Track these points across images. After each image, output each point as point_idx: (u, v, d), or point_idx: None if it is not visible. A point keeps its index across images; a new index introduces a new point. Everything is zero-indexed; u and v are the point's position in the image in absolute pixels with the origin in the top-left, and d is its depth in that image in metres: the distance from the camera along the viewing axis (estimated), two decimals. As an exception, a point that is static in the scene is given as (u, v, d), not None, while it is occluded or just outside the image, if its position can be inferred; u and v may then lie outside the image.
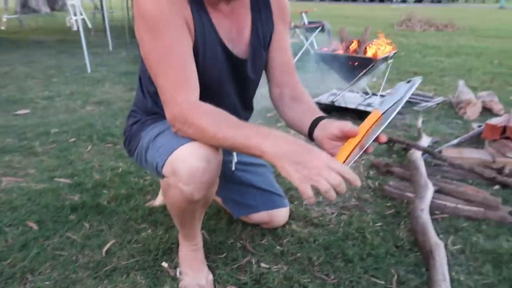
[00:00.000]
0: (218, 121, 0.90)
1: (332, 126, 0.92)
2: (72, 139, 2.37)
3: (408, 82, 0.91)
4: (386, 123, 0.81)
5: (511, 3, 24.18)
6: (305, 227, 1.50)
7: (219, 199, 1.52)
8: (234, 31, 1.07)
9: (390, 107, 0.85)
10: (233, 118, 0.91)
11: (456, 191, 1.64)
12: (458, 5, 24.45)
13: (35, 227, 1.48)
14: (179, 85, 0.94)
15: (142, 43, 0.96)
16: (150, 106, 1.18)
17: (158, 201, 1.66)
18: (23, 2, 13.03)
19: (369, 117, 0.86)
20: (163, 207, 1.58)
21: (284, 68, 1.17)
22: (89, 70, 4.28)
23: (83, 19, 8.17)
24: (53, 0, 15.35)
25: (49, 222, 1.52)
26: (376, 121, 0.84)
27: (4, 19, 8.44)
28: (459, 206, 1.58)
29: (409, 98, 3.23)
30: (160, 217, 1.55)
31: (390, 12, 16.23)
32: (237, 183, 1.41)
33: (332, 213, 1.61)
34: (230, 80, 1.12)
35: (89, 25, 7.88)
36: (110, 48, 5.71)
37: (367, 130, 0.84)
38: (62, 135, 2.44)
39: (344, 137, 0.88)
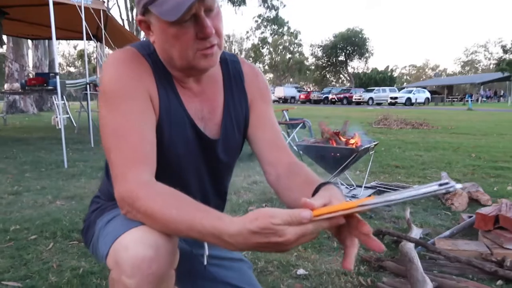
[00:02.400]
0: (172, 204, 0.76)
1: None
2: (33, 236, 2.15)
3: (442, 185, 0.62)
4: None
5: (477, 106, 26.10)
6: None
7: (189, 302, 1.30)
8: (205, 110, 1.00)
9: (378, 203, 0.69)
10: (190, 201, 0.78)
11: (458, 288, 1.46)
12: (429, 108, 26.23)
13: None
14: (131, 161, 0.83)
15: (100, 117, 0.88)
16: (113, 190, 1.05)
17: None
18: (10, 103, 13.41)
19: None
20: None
21: (272, 145, 1.07)
22: (65, 165, 4.16)
23: (68, 117, 8.35)
24: (42, 102, 15.88)
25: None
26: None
27: (-12, 118, 8.52)
28: (464, 305, 1.39)
29: (394, 189, 3.20)
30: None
31: (367, 113, 17.20)
32: (210, 280, 1.22)
33: (322, 318, 1.39)
34: (201, 161, 1.02)
35: (74, 124, 7.97)
36: (92, 144, 5.68)
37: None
38: (22, 232, 2.21)
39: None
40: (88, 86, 6.38)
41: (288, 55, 58.25)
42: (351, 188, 2.90)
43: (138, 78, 0.89)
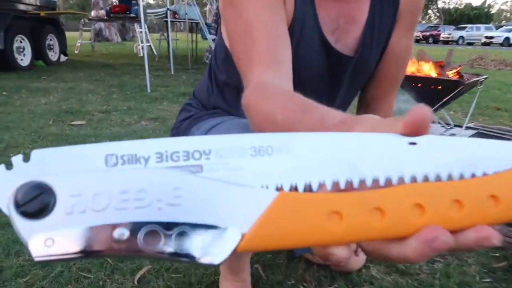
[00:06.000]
0: (287, 106, 0.61)
1: None
2: (122, 151, 2.23)
3: None
4: None
5: None
6: (387, 274, 1.17)
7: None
8: (342, 20, 0.80)
9: None
10: (308, 102, 0.61)
11: None
12: (533, 49, 23.04)
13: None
14: (252, 61, 0.68)
15: (226, 22, 0.75)
16: (213, 98, 0.95)
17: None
18: (97, 31, 14.10)
19: None
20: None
21: (382, 81, 0.90)
22: (149, 89, 4.27)
23: (149, 46, 8.57)
24: (124, 31, 16.52)
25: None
26: None
27: (78, 44, 9.03)
28: None
29: (497, 134, 2.83)
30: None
31: (456, 53, 15.54)
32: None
33: (421, 259, 1.26)
34: (325, 79, 0.85)
35: (155, 52, 8.16)
36: (172, 72, 5.77)
37: None
38: (112, 146, 2.31)
39: None
40: (167, 13, 6.36)
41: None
42: (448, 127, 2.60)
43: None
